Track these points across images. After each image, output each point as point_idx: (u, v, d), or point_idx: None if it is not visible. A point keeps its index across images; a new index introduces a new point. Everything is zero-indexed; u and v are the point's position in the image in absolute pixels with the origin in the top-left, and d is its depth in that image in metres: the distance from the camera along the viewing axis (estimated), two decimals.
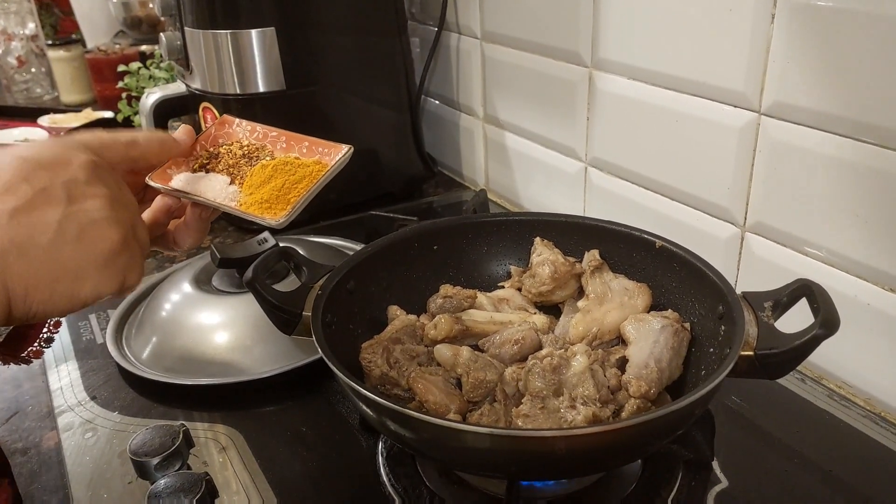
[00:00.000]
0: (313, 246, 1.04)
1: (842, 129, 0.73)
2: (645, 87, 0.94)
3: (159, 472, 0.70)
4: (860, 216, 0.74)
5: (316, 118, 1.17)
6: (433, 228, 0.84)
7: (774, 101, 0.78)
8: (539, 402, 0.61)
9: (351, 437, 0.76)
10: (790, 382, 0.82)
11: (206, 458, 0.74)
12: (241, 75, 1.09)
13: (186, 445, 0.73)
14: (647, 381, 0.64)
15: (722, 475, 0.69)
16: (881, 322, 0.75)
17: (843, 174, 0.74)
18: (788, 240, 0.82)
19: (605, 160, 1.05)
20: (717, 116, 0.85)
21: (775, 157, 0.81)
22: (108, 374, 0.87)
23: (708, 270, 0.70)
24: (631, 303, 0.74)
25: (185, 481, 0.67)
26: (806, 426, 0.76)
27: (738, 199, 0.86)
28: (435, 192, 1.40)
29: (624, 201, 1.03)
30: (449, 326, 0.71)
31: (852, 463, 0.71)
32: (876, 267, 0.74)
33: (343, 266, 0.74)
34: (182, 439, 0.72)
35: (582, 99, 1.05)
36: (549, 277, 0.78)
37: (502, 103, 1.24)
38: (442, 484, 0.68)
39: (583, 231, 0.83)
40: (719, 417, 0.76)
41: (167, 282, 0.96)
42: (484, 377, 0.64)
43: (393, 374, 0.67)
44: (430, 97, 1.44)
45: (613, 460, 0.60)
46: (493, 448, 0.54)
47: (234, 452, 0.75)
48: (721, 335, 0.67)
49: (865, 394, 0.79)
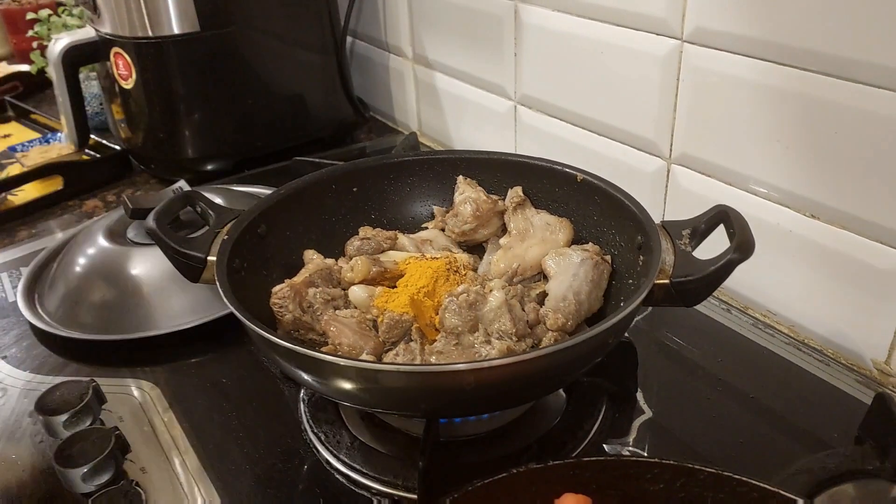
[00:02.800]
0: (236, 195, 1.00)
1: (764, 53, 0.72)
2: (570, 18, 0.91)
3: (69, 429, 0.67)
4: (782, 142, 0.73)
5: (234, 62, 1.12)
6: (352, 169, 0.82)
7: (696, 27, 0.77)
8: (454, 339, 0.59)
9: (272, 386, 0.75)
10: (716, 313, 0.82)
11: (121, 413, 0.71)
12: (151, 17, 1.04)
13: (98, 401, 0.70)
14: (564, 314, 0.63)
15: (646, 406, 0.69)
16: (803, 249, 0.75)
17: (766, 100, 0.73)
18: (713, 170, 0.81)
19: (535, 97, 1.03)
20: (640, 45, 0.83)
21: (698, 86, 0.79)
22: (20, 334, 0.84)
23: (628, 201, 0.69)
24: (553, 237, 0.73)
25: (93, 436, 0.64)
26: (731, 355, 0.76)
27: (663, 132, 0.85)
28: (367, 137, 1.36)
29: (554, 139, 1.02)
30: (366, 268, 0.69)
31: (775, 388, 0.71)
32: (798, 193, 0.74)
33: (253, 210, 0.71)
34: (92, 394, 0.69)
35: (509, 34, 1.02)
36: (471, 216, 0.76)
37: (431, 42, 1.20)
38: (363, 428, 0.67)
39: (506, 168, 0.81)
40: (646, 351, 0.76)
41: (81, 235, 0.92)
42: (399, 317, 0.62)
43: (306, 319, 0.65)
44: (359, 39, 1.39)
45: (526, 393, 0.59)
46: (404, 386, 0.53)
47: (152, 406, 0.72)
48: (640, 266, 0.66)
49: (789, 321, 0.79)
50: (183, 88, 1.11)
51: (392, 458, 0.63)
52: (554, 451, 0.64)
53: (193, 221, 0.82)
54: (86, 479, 0.61)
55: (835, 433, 0.65)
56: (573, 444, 0.64)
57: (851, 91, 0.66)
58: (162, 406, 0.72)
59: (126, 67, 1.08)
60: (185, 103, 1.12)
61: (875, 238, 0.69)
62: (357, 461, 0.63)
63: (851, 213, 0.70)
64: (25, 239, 1.05)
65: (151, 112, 1.12)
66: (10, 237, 1.06)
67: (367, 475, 0.62)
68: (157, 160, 1.18)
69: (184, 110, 1.12)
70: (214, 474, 0.64)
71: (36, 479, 0.65)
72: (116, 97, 1.15)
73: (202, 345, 0.80)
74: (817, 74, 0.68)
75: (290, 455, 0.66)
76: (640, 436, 0.66)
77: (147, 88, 1.09)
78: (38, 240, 1.04)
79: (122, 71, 1.09)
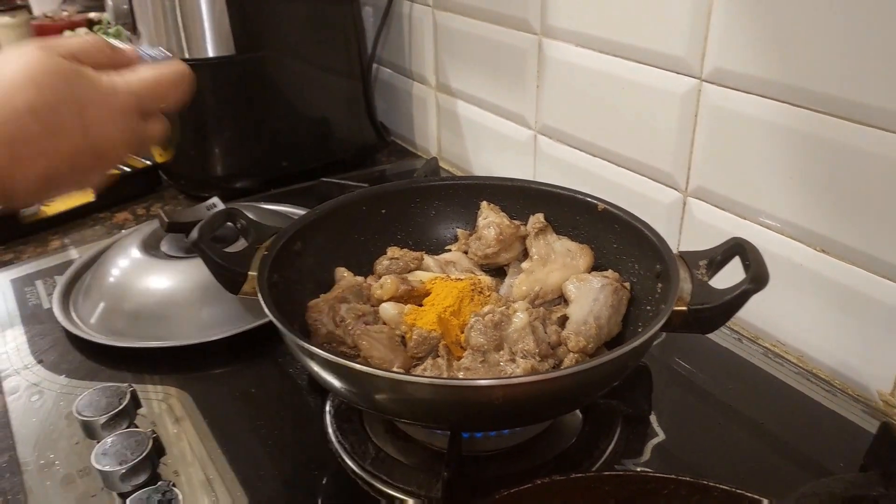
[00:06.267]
0: (264, 212, 1.04)
1: (780, 94, 0.75)
2: (592, 54, 0.95)
3: (106, 431, 0.70)
4: (795, 179, 0.77)
5: (265, 85, 1.17)
6: (381, 192, 0.85)
7: (715, 68, 0.80)
8: (480, 357, 0.62)
9: (299, 397, 0.77)
10: (727, 342, 0.84)
11: (154, 418, 0.74)
12: (189, 40, 1.08)
13: (134, 406, 0.73)
14: (585, 337, 0.66)
15: (659, 429, 0.72)
16: (813, 282, 0.78)
17: (780, 139, 0.77)
18: (728, 204, 0.85)
19: (554, 128, 1.07)
20: (660, 83, 0.87)
21: (715, 123, 0.83)
22: (55, 339, 0.87)
23: (647, 231, 0.73)
24: (573, 263, 0.76)
25: (131, 439, 0.67)
26: (741, 383, 0.79)
27: (680, 165, 0.88)
28: (387, 160, 1.40)
29: (572, 168, 1.05)
30: (395, 286, 0.72)
31: (783, 416, 0.74)
32: (809, 229, 0.77)
33: (290, 227, 0.74)
34: (129, 399, 0.72)
35: (532, 66, 1.06)
36: (494, 240, 0.79)
37: (454, 71, 1.25)
38: (387, 440, 0.69)
39: (528, 195, 0.84)
40: (660, 376, 0.79)
41: (115, 247, 0.95)
42: (427, 333, 0.66)
43: (339, 333, 0.68)
44: (383, 66, 1.44)
45: (549, 410, 0.62)
46: (433, 398, 0.56)
47: (183, 413, 0.75)
48: (658, 293, 0.69)
49: (798, 351, 0.82)
50: (215, 109, 1.15)
51: (416, 470, 0.66)
52: (571, 468, 0.66)
53: (225, 236, 0.86)
54: (124, 479, 0.64)
55: (841, 461, 0.68)
56: (589, 463, 0.67)
57: (863, 134, 0.69)
58: (192, 413, 0.75)
59: None
60: (217, 123, 1.16)
61: (882, 274, 0.72)
62: (382, 471, 0.66)
63: (860, 249, 0.73)
64: (58, 248, 1.09)
65: (184, 129, 1.16)
66: (42, 246, 1.09)
67: (391, 485, 0.65)
68: (187, 176, 1.22)
69: (215, 130, 1.16)
70: (243, 479, 0.67)
71: (72, 479, 0.68)
72: None
73: (231, 356, 0.83)
74: (831, 117, 0.71)
75: (316, 463, 0.69)
76: (653, 457, 0.69)
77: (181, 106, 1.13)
78: (71, 249, 1.08)
79: None
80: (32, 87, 0.49)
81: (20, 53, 0.51)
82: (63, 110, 0.50)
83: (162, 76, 0.58)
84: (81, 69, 0.53)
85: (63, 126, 0.50)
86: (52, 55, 0.52)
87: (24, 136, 0.49)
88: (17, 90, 0.49)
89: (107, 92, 0.53)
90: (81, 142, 0.51)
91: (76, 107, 0.51)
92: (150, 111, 0.58)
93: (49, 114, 0.50)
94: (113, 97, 0.54)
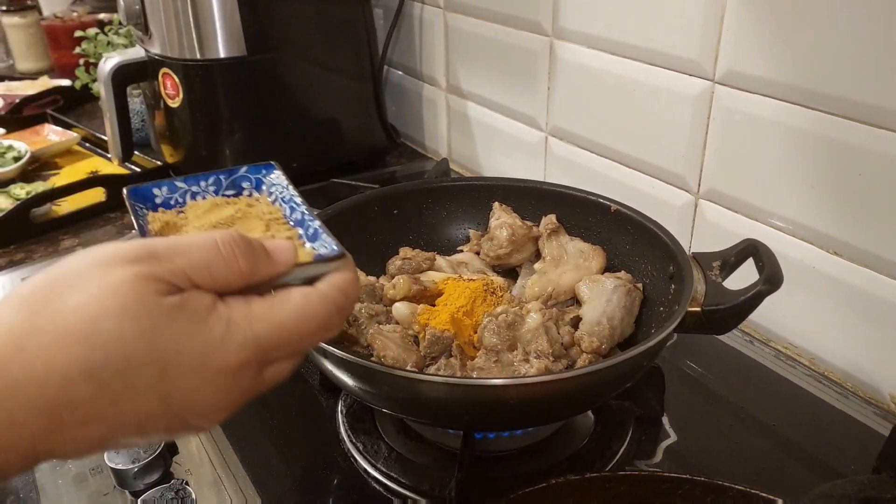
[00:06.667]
0: None
1: (792, 96, 0.75)
2: (604, 56, 0.96)
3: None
4: (808, 182, 0.77)
5: (276, 86, 1.17)
6: (393, 193, 0.85)
7: (728, 70, 0.80)
8: (493, 356, 0.62)
9: (311, 397, 0.78)
10: (739, 344, 0.84)
11: None
12: (201, 40, 1.09)
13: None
14: (598, 337, 0.66)
15: (671, 430, 0.72)
16: (826, 284, 0.78)
17: (793, 141, 0.77)
18: (740, 206, 0.84)
19: (565, 129, 1.07)
20: (672, 85, 0.87)
21: (728, 125, 0.83)
22: None
23: (660, 232, 0.73)
24: (586, 264, 0.76)
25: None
26: (753, 385, 0.79)
27: (692, 167, 0.88)
28: (397, 162, 1.40)
29: (583, 170, 1.05)
30: (407, 286, 0.73)
31: (795, 418, 0.74)
32: (822, 231, 0.77)
33: None
34: None
35: (543, 68, 1.06)
36: (506, 240, 0.79)
37: (465, 73, 1.25)
38: (400, 440, 0.70)
39: (540, 196, 0.84)
40: (671, 377, 0.79)
41: None
42: (440, 333, 0.66)
43: (352, 332, 0.68)
44: (394, 68, 1.44)
45: (564, 410, 0.62)
46: (447, 397, 0.56)
47: None
48: (671, 294, 0.69)
49: (810, 354, 0.82)
50: (226, 109, 1.15)
51: (428, 470, 0.66)
52: (583, 469, 0.66)
53: None
54: (136, 477, 0.65)
55: (852, 463, 0.68)
56: (602, 463, 0.67)
57: (876, 136, 0.69)
58: None
59: (174, 87, 1.13)
60: (228, 123, 1.16)
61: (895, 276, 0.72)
62: (394, 470, 0.66)
63: (873, 251, 0.73)
64: (69, 248, 1.09)
65: (195, 130, 1.17)
66: (54, 246, 1.10)
67: (403, 485, 0.65)
68: None
69: (226, 130, 1.17)
70: (255, 478, 0.67)
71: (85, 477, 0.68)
72: (161, 114, 1.20)
73: None
74: (844, 119, 0.71)
75: (329, 463, 0.69)
76: (665, 458, 0.69)
77: (192, 108, 1.14)
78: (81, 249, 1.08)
79: (169, 90, 1.14)
80: (91, 341, 0.35)
81: (102, 276, 0.36)
82: (134, 375, 0.36)
83: (308, 314, 0.40)
84: (182, 310, 0.37)
85: (132, 391, 0.36)
86: (147, 287, 0.36)
87: (71, 400, 0.35)
88: (72, 342, 0.35)
89: (211, 348, 0.37)
90: (157, 408, 0.37)
91: (155, 370, 0.36)
92: (275, 360, 0.41)
93: (112, 378, 0.35)
94: (219, 355, 0.37)
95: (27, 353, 0.34)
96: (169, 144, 1.22)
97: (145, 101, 1.29)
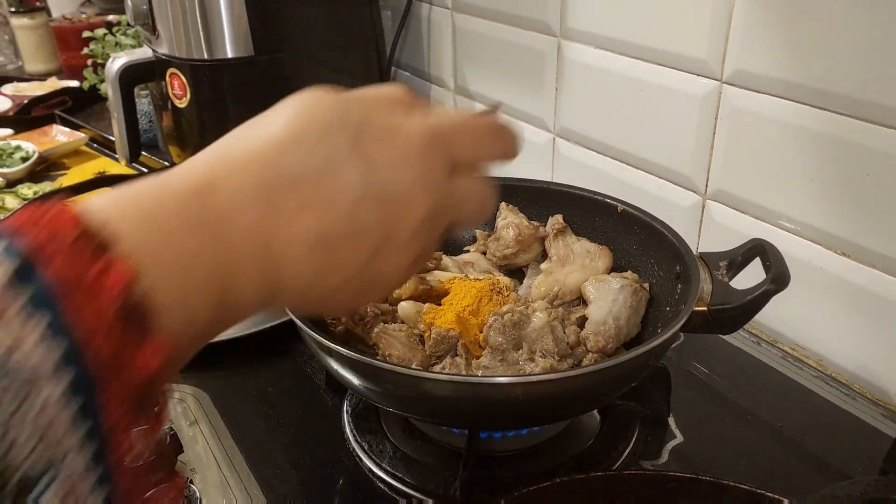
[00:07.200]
0: None
1: (800, 96, 0.75)
2: (611, 56, 0.95)
3: None
4: (815, 182, 0.76)
5: (284, 86, 1.16)
6: None
7: (736, 70, 0.80)
8: (499, 355, 0.62)
9: (316, 397, 0.78)
10: (746, 345, 0.84)
11: (171, 416, 0.75)
12: (208, 40, 1.09)
13: None
14: (604, 337, 0.66)
15: (677, 431, 0.71)
16: (833, 285, 0.78)
17: (800, 141, 0.76)
18: (747, 207, 0.84)
19: (573, 130, 1.07)
20: (680, 85, 0.87)
21: (736, 125, 0.82)
22: None
23: (667, 232, 0.72)
24: (592, 264, 0.76)
25: None
26: (760, 387, 0.79)
27: (699, 168, 0.88)
28: None
29: (591, 171, 1.05)
30: (413, 285, 0.73)
31: (802, 420, 0.74)
32: (829, 232, 0.77)
33: None
34: None
35: (551, 69, 1.06)
36: (513, 240, 0.79)
37: (473, 74, 1.25)
38: (405, 439, 0.69)
39: (547, 196, 0.84)
40: (678, 378, 0.79)
41: None
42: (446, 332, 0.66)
43: (358, 331, 0.68)
44: (401, 69, 1.44)
45: (569, 409, 0.62)
46: (453, 396, 0.56)
47: (201, 412, 0.75)
48: (678, 294, 0.69)
49: (817, 355, 0.82)
50: (234, 109, 1.15)
51: (433, 469, 0.66)
52: (589, 469, 0.66)
53: None
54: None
55: (860, 465, 0.67)
56: (608, 464, 0.67)
57: (884, 136, 0.69)
58: (210, 411, 0.75)
59: (181, 88, 1.13)
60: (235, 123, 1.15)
61: None
62: (399, 470, 0.66)
63: (881, 252, 0.72)
64: None
65: (203, 130, 1.17)
66: None
67: (409, 484, 0.65)
68: None
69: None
70: (260, 477, 0.67)
71: None
72: (168, 115, 1.20)
73: (249, 355, 0.83)
74: (852, 119, 0.71)
75: (334, 462, 0.69)
76: (671, 459, 0.68)
77: (200, 108, 1.14)
78: None
79: (177, 91, 1.14)
80: (292, 110, 0.40)
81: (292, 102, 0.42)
82: (332, 139, 0.38)
83: (473, 121, 0.44)
84: (366, 98, 0.42)
85: (334, 158, 0.38)
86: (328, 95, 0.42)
87: (282, 174, 0.37)
88: (275, 121, 0.40)
89: (396, 124, 0.40)
90: (360, 180, 0.38)
91: (350, 134, 0.39)
92: (457, 161, 0.42)
93: (315, 144, 0.38)
94: (404, 130, 0.40)
95: (247, 140, 0.39)
96: (176, 145, 1.23)
97: (153, 102, 1.29)
